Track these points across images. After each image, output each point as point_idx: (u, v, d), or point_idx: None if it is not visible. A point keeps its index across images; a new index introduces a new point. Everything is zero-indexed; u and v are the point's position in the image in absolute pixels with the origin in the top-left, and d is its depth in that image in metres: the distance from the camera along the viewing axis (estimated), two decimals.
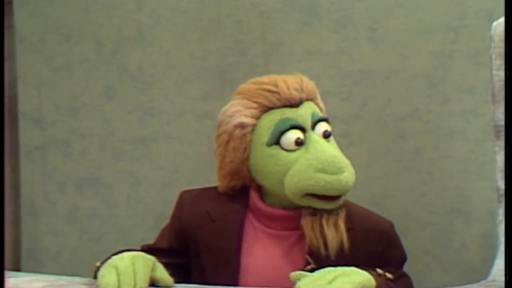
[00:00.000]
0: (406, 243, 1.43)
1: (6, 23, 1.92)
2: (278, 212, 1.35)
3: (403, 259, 1.41)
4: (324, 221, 1.28)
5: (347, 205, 1.33)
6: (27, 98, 2.02)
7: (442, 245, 1.80)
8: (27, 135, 2.02)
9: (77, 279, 1.26)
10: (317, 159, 1.27)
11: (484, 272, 1.35)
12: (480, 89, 1.74)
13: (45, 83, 2.01)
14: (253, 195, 1.38)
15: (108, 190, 1.99)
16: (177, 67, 1.92)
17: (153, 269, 1.19)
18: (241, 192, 1.40)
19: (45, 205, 2.02)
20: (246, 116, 1.34)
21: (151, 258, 1.21)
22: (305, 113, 1.33)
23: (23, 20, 2.00)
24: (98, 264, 1.25)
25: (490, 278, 1.30)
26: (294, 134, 1.31)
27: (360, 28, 1.82)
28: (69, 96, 1.99)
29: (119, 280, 1.13)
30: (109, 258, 1.22)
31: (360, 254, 1.32)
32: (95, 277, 1.22)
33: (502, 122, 1.35)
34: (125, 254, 1.20)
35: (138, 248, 1.41)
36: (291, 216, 1.35)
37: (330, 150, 1.30)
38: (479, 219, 1.78)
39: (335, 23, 1.83)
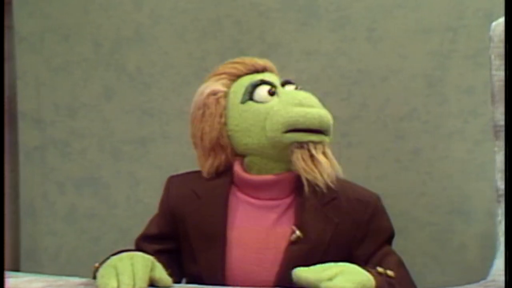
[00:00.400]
0: (406, 243, 1.43)
1: (5, 23, 1.91)
2: (263, 178, 1.36)
3: (391, 233, 1.40)
4: (312, 150, 1.30)
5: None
6: (26, 98, 2.02)
7: (442, 245, 1.80)
8: (26, 135, 2.02)
9: (76, 279, 1.26)
10: (293, 98, 1.33)
11: (483, 272, 1.35)
12: (479, 89, 1.74)
13: (44, 83, 2.01)
14: (237, 168, 1.38)
15: (107, 190, 1.99)
16: (176, 67, 1.92)
17: (152, 269, 1.18)
18: (225, 172, 1.40)
19: (44, 205, 2.02)
20: (216, 85, 1.41)
21: (150, 258, 1.21)
22: (273, 76, 1.42)
23: (22, 20, 2.00)
24: (97, 265, 1.25)
25: (489, 278, 1.30)
26: (266, 87, 1.37)
27: (359, 28, 1.82)
28: (68, 96, 2.00)
29: (118, 280, 1.12)
30: (108, 258, 1.22)
31: (347, 223, 1.33)
32: (94, 277, 1.22)
33: (502, 122, 1.35)
34: (124, 254, 1.20)
35: (134, 246, 1.42)
36: (275, 181, 1.35)
37: (304, 93, 1.36)
38: (478, 219, 1.78)
39: (333, 23, 1.83)
